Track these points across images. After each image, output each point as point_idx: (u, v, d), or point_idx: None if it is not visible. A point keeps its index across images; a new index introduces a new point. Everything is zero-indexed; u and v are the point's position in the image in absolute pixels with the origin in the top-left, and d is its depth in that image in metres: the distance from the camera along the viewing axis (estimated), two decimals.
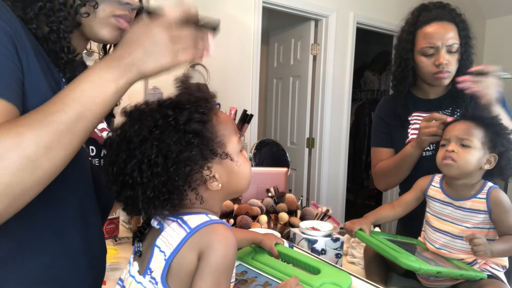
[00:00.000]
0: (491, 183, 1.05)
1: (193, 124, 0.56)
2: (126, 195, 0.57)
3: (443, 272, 0.96)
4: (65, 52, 0.65)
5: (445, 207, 1.09)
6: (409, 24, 1.35)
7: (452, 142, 1.06)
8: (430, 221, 1.12)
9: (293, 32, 3.41)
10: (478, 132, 1.04)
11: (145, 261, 0.60)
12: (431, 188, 1.14)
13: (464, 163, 1.03)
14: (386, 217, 1.19)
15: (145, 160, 0.55)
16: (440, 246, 1.09)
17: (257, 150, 2.09)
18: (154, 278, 0.57)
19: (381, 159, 1.42)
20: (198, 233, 0.56)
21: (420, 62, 1.31)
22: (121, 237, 1.45)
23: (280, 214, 1.44)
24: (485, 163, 1.04)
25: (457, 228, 1.06)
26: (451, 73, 1.29)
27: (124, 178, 0.56)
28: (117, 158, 0.57)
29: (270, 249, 0.86)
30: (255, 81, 2.82)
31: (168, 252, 0.56)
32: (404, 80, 1.37)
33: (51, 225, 0.65)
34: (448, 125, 1.12)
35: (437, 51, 1.27)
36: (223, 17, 2.96)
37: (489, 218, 1.02)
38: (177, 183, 0.55)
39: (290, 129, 3.51)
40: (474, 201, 1.04)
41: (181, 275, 0.56)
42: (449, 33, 1.26)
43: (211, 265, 0.54)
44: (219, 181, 0.60)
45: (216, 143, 0.59)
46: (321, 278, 0.74)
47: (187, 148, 0.55)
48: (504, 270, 1.10)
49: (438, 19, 1.28)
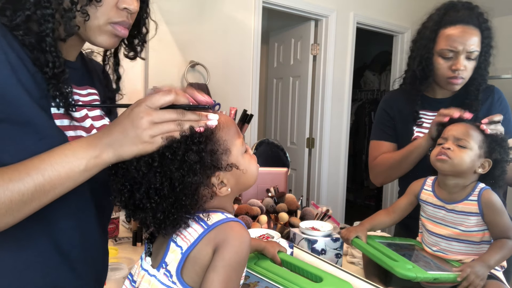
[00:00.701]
0: (483, 185, 1.05)
1: (191, 155, 0.57)
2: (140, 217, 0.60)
3: (441, 278, 0.96)
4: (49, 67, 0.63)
5: (438, 211, 1.09)
6: (433, 22, 1.29)
7: (449, 141, 1.06)
8: (425, 225, 1.12)
9: (293, 32, 3.41)
10: (477, 135, 1.04)
11: (159, 256, 0.62)
12: (423, 192, 1.14)
13: (458, 161, 1.03)
14: (383, 223, 1.19)
15: (152, 186, 0.57)
16: (437, 249, 1.08)
17: (256, 150, 2.09)
18: (169, 271, 0.59)
19: (382, 152, 1.41)
20: (215, 229, 0.59)
21: (437, 63, 1.27)
22: (121, 237, 1.45)
23: (280, 214, 1.44)
24: (479, 167, 1.04)
25: (452, 231, 1.06)
26: (464, 80, 1.26)
27: (135, 202, 0.58)
28: (124, 188, 0.58)
29: (272, 257, 0.86)
30: (255, 81, 2.82)
31: (185, 246, 0.59)
32: (425, 80, 1.32)
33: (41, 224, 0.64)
34: (448, 124, 1.11)
35: (456, 56, 1.23)
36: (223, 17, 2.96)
37: (482, 220, 1.02)
38: (185, 202, 0.58)
39: (290, 129, 3.51)
40: (466, 203, 1.04)
41: (195, 268, 0.58)
42: (472, 39, 1.22)
43: (225, 260, 0.57)
44: (228, 186, 0.63)
45: (221, 153, 0.61)
46: (323, 286, 0.75)
47: (190, 173, 0.57)
48: (503, 269, 1.10)
49: (464, 22, 1.23)
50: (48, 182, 0.55)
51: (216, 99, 2.47)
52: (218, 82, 2.59)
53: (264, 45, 3.40)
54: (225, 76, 2.66)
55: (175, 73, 2.49)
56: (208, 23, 2.56)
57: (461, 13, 1.25)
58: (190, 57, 2.51)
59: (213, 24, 2.58)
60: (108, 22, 0.66)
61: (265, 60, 3.78)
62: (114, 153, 0.57)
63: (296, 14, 3.03)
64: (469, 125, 1.07)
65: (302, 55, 3.33)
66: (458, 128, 1.07)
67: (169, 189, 0.56)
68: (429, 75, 1.30)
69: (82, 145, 0.58)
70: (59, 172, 0.55)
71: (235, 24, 2.67)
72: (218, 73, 2.60)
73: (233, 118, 1.65)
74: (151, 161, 0.57)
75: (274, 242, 0.91)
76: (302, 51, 3.33)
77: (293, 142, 3.48)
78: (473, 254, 1.04)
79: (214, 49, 2.60)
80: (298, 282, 0.76)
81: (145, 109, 0.58)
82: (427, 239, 1.12)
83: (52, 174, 0.55)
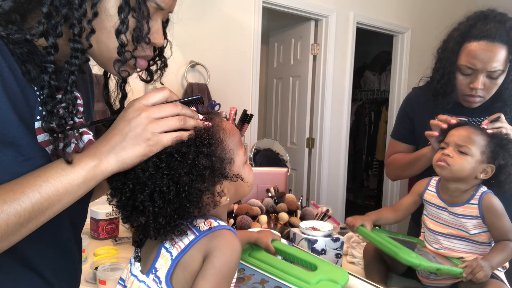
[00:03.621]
0: (484, 188, 1.04)
1: (202, 160, 0.55)
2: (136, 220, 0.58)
3: (443, 269, 0.96)
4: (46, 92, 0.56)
5: (441, 212, 1.09)
6: (459, 33, 1.21)
7: (450, 146, 1.05)
8: (427, 224, 1.13)
9: (293, 32, 3.41)
10: (480, 140, 1.02)
11: (148, 261, 0.61)
12: (427, 192, 1.14)
13: (457, 168, 1.02)
14: (387, 219, 1.20)
15: (157, 189, 0.54)
16: (439, 247, 1.09)
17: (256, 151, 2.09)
18: (159, 277, 0.57)
19: (396, 152, 1.41)
20: (206, 236, 0.57)
21: (456, 79, 1.22)
22: (121, 237, 1.45)
23: (280, 214, 1.44)
24: (481, 173, 1.03)
25: (454, 231, 1.06)
26: (483, 99, 1.21)
27: (134, 204, 0.56)
28: (124, 187, 0.56)
29: (266, 247, 0.85)
30: (255, 81, 2.82)
31: (175, 252, 0.57)
32: (448, 94, 1.25)
33: None
34: (452, 128, 1.10)
35: (475, 74, 1.17)
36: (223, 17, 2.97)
37: (483, 222, 1.02)
38: (188, 209, 0.56)
39: (290, 129, 3.51)
40: (467, 207, 1.04)
41: (185, 274, 0.57)
42: (496, 57, 1.13)
43: (216, 268, 0.56)
44: (227, 196, 0.62)
45: (227, 162, 0.60)
46: (318, 275, 0.74)
47: (198, 179, 0.55)
48: (505, 270, 1.10)
49: (490, 38, 1.14)
50: (46, 199, 0.51)
51: (216, 99, 2.47)
52: (218, 82, 2.59)
53: (264, 45, 3.40)
54: (225, 76, 2.66)
55: (175, 73, 2.49)
56: (208, 23, 2.56)
57: (490, 26, 1.15)
58: (190, 57, 2.51)
59: (213, 24, 2.58)
60: (132, 55, 0.60)
61: (265, 60, 3.78)
62: (116, 159, 0.54)
63: (296, 14, 3.03)
64: (472, 129, 1.05)
65: (302, 55, 3.33)
66: (460, 134, 1.05)
67: (175, 194, 0.54)
68: (452, 91, 1.24)
69: (79, 156, 0.54)
70: (56, 188, 0.52)
71: (235, 24, 2.67)
72: (218, 73, 2.60)
73: (233, 118, 1.65)
74: (159, 162, 0.54)
75: (267, 231, 0.89)
76: (302, 51, 3.33)
77: (293, 142, 3.48)
78: (475, 253, 1.05)
79: (214, 49, 2.60)
80: (293, 272, 0.75)
81: (141, 106, 0.55)
82: (429, 237, 1.12)
83: (50, 190, 0.51)
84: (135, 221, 0.58)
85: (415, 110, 1.40)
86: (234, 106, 1.77)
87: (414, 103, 1.42)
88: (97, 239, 1.42)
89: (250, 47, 2.77)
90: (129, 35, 0.58)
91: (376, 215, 1.18)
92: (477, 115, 1.28)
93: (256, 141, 2.21)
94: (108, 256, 1.26)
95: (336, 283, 0.72)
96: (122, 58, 0.58)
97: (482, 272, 0.94)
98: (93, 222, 1.43)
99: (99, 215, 1.42)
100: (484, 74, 1.16)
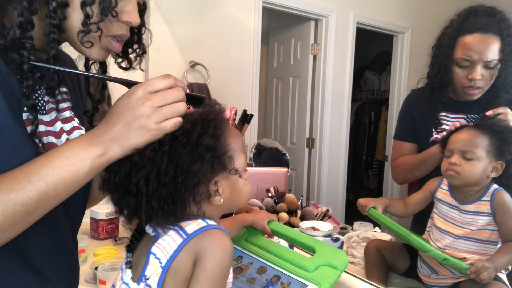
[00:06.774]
0: (496, 185, 1.04)
1: (206, 139, 0.55)
2: (128, 203, 0.56)
3: (450, 260, 0.98)
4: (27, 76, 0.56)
5: (451, 211, 1.09)
6: (453, 28, 1.26)
7: (455, 154, 1.04)
8: (436, 222, 1.12)
9: (293, 32, 3.41)
10: (482, 140, 1.02)
11: (138, 268, 0.59)
12: (439, 190, 1.14)
13: (468, 175, 1.01)
14: (397, 210, 1.20)
15: (155, 170, 0.53)
16: (443, 246, 1.09)
17: (256, 151, 2.09)
18: (150, 285, 0.55)
19: (403, 154, 1.41)
20: (195, 238, 0.55)
21: (454, 72, 1.25)
22: (121, 237, 1.45)
23: (280, 214, 1.44)
24: (492, 171, 1.02)
25: (462, 230, 1.06)
26: (482, 89, 1.24)
27: (128, 186, 0.55)
28: (120, 167, 0.55)
29: (263, 229, 0.83)
30: (255, 81, 2.82)
31: (164, 259, 0.55)
32: (444, 88, 1.30)
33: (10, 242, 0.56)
34: (453, 133, 1.10)
35: (472, 65, 1.20)
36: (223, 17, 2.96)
37: (494, 220, 1.02)
38: (183, 195, 0.55)
39: (290, 129, 3.51)
40: (479, 204, 1.04)
41: (175, 280, 0.55)
42: (491, 48, 1.18)
43: (208, 271, 0.54)
44: (222, 196, 0.60)
45: (227, 157, 0.59)
46: (316, 260, 0.72)
47: (199, 160, 0.55)
48: (507, 272, 1.10)
49: (483, 30, 1.19)
50: (52, 188, 0.51)
51: (216, 99, 2.45)
52: (218, 82, 2.59)
53: (264, 45, 3.40)
54: (225, 76, 2.66)
55: (175, 73, 2.47)
56: (208, 23, 2.56)
57: (481, 19, 1.20)
58: (190, 57, 2.51)
59: (213, 24, 2.57)
60: (106, 35, 0.61)
61: (265, 60, 3.77)
62: (120, 148, 0.54)
63: (296, 14, 3.03)
64: (473, 131, 1.04)
65: (302, 55, 3.33)
66: (462, 138, 1.04)
67: (172, 176, 0.53)
68: (449, 84, 1.28)
69: (82, 144, 0.54)
70: (62, 177, 0.51)
71: (235, 24, 2.67)
72: (218, 73, 2.59)
73: (233, 118, 1.65)
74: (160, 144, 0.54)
75: (262, 212, 0.87)
76: (302, 51, 3.33)
77: (293, 142, 3.48)
78: (477, 253, 1.04)
79: (214, 49, 2.60)
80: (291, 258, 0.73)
81: (144, 94, 0.54)
82: (435, 235, 1.12)
83: (56, 179, 0.51)
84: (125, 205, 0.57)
85: (415, 109, 1.41)
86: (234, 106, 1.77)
87: (414, 103, 1.43)
88: (97, 239, 1.42)
89: (250, 47, 2.76)
90: (95, 8, 0.58)
91: (389, 201, 1.19)
92: (475, 111, 1.29)
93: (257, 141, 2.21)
94: (108, 256, 1.26)
95: (335, 269, 0.69)
96: (85, 28, 0.58)
97: (487, 273, 0.94)
98: (93, 222, 1.43)
99: (99, 215, 1.42)
100: (481, 64, 1.20)
